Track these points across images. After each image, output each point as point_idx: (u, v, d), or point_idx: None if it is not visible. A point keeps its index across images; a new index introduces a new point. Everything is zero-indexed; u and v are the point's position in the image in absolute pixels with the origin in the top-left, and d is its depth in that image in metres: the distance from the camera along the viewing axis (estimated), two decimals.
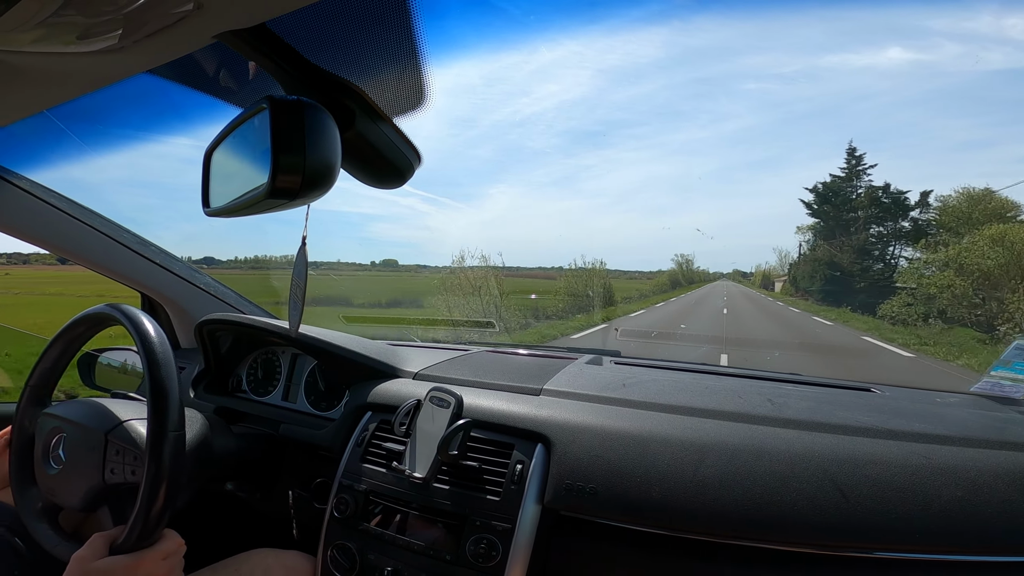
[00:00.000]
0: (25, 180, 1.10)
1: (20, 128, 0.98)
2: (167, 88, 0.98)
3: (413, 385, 1.02)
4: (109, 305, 0.88)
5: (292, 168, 0.54)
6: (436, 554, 0.80)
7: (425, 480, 0.83)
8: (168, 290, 1.29)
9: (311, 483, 1.06)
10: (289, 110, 0.55)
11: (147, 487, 0.72)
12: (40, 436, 0.90)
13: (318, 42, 0.70)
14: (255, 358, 1.27)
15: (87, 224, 1.17)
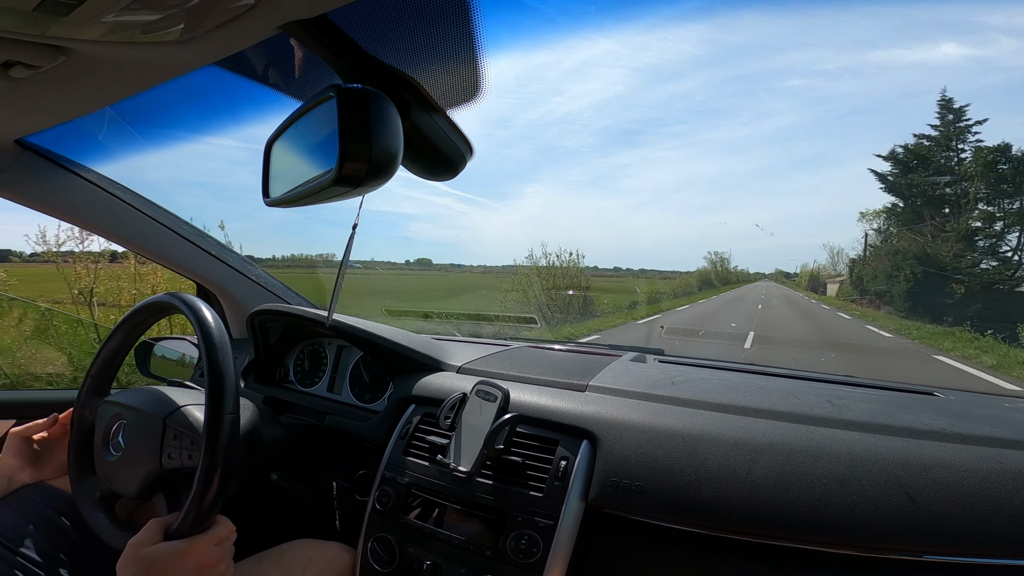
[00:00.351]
0: (92, 172, 1.16)
1: (85, 122, 1.02)
2: (222, 85, 1.01)
3: (457, 379, 1.03)
4: (169, 294, 0.91)
5: (358, 156, 0.55)
6: (476, 549, 0.80)
7: (469, 474, 0.83)
8: (222, 281, 1.34)
9: (354, 475, 1.07)
10: (355, 99, 0.57)
11: (203, 468, 0.74)
12: (100, 424, 0.94)
13: (375, 33, 0.72)
14: (302, 349, 1.30)
15: (148, 215, 1.22)
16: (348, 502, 1.06)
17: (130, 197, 1.20)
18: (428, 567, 0.82)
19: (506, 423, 0.83)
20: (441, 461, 0.86)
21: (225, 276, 1.34)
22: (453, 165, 0.76)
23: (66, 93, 0.82)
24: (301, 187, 0.66)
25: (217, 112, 1.22)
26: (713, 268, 42.81)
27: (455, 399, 0.92)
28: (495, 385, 0.90)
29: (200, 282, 1.34)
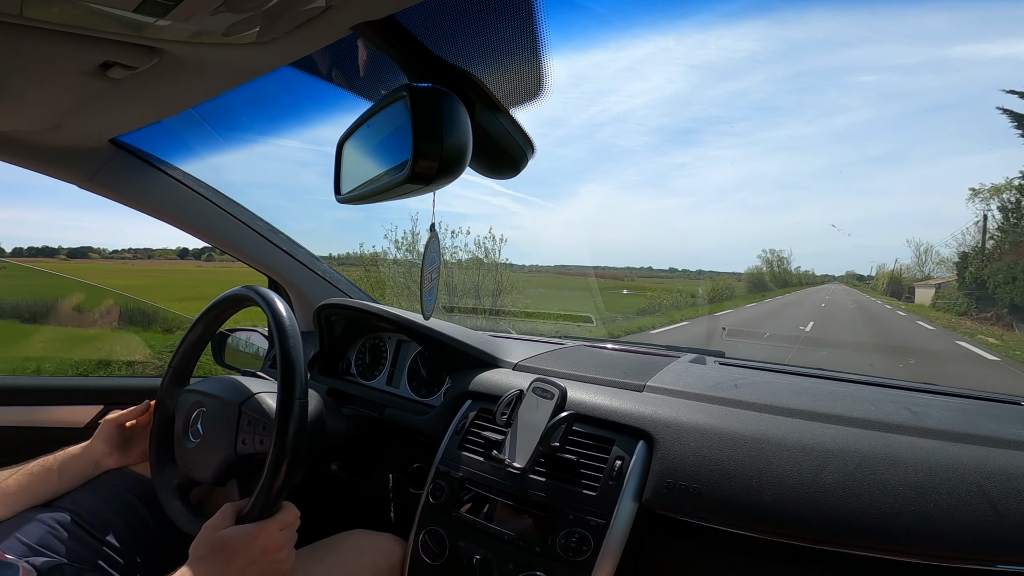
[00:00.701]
0: (176, 170, 1.25)
1: (169, 121, 1.09)
2: (288, 87, 1.05)
3: (513, 376, 1.04)
4: (245, 287, 0.97)
5: (430, 154, 0.57)
6: (526, 545, 0.81)
7: (522, 471, 0.84)
8: (291, 275, 1.40)
9: (408, 468, 1.10)
10: (427, 97, 0.59)
11: (274, 450, 0.78)
12: (181, 412, 1.00)
13: (440, 33, 0.74)
14: (363, 343, 1.34)
15: (227, 212, 1.30)
16: (402, 494, 1.08)
17: (210, 194, 1.28)
18: (477, 561, 0.83)
19: (562, 421, 0.83)
20: (496, 457, 0.87)
21: (294, 271, 1.41)
22: (515, 163, 0.77)
23: (157, 93, 0.88)
24: (372, 184, 0.69)
25: (285, 114, 1.29)
26: (769, 268, 39.42)
27: (511, 396, 0.93)
28: (552, 383, 0.90)
29: (271, 276, 1.41)
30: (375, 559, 0.97)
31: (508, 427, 0.91)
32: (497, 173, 0.78)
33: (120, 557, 0.96)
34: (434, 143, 0.57)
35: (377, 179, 0.68)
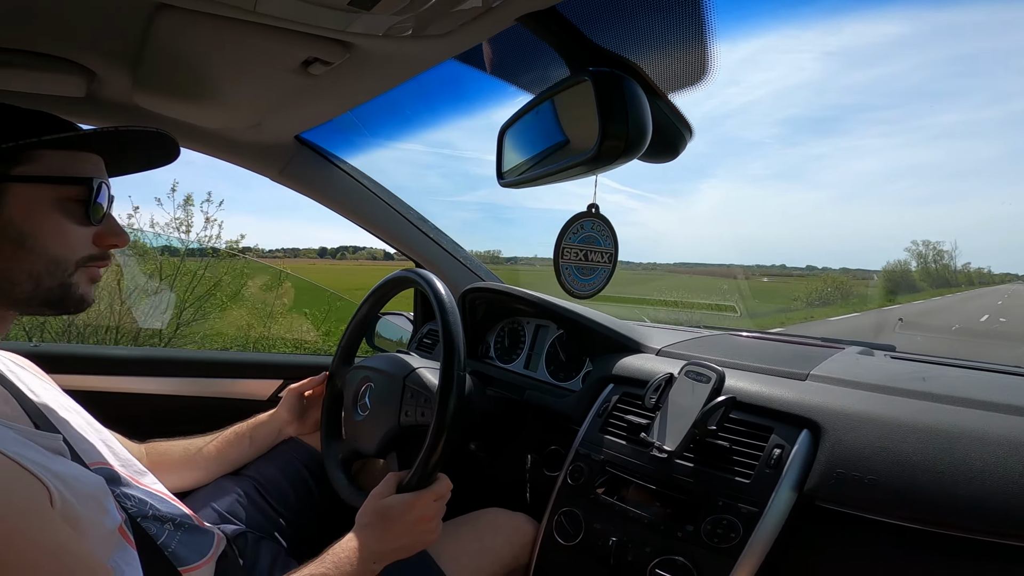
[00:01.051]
0: (345, 163, 1.38)
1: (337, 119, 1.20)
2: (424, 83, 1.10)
3: (657, 361, 1.04)
4: (407, 270, 1.05)
5: (617, 135, 0.61)
6: (667, 529, 0.81)
7: (671, 454, 0.84)
8: (438, 260, 1.50)
9: (545, 450, 1.13)
10: (610, 82, 0.63)
11: (435, 422, 0.83)
12: (350, 388, 1.09)
13: (598, 22, 0.77)
14: (503, 327, 1.41)
15: (385, 202, 1.43)
16: (537, 476, 1.12)
17: (372, 185, 1.41)
18: (613, 543, 0.84)
19: (721, 405, 0.82)
20: (644, 440, 0.88)
21: (441, 257, 1.51)
22: (674, 147, 0.79)
23: (340, 89, 0.95)
24: (543, 166, 0.74)
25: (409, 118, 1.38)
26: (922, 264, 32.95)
27: (661, 379, 0.93)
28: (709, 366, 0.89)
29: (420, 261, 1.52)
30: (510, 537, 1.00)
31: (655, 411, 0.92)
32: (655, 157, 0.80)
33: (289, 526, 1.05)
34: (619, 124, 0.61)
35: (548, 161, 0.73)
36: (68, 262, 0.67)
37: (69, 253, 0.67)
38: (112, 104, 1.04)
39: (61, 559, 0.55)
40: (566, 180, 0.73)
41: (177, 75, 0.89)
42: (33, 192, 0.64)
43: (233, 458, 1.10)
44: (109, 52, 0.85)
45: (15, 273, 0.64)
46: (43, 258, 0.65)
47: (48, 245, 0.65)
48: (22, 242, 0.63)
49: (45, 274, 0.65)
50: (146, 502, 0.79)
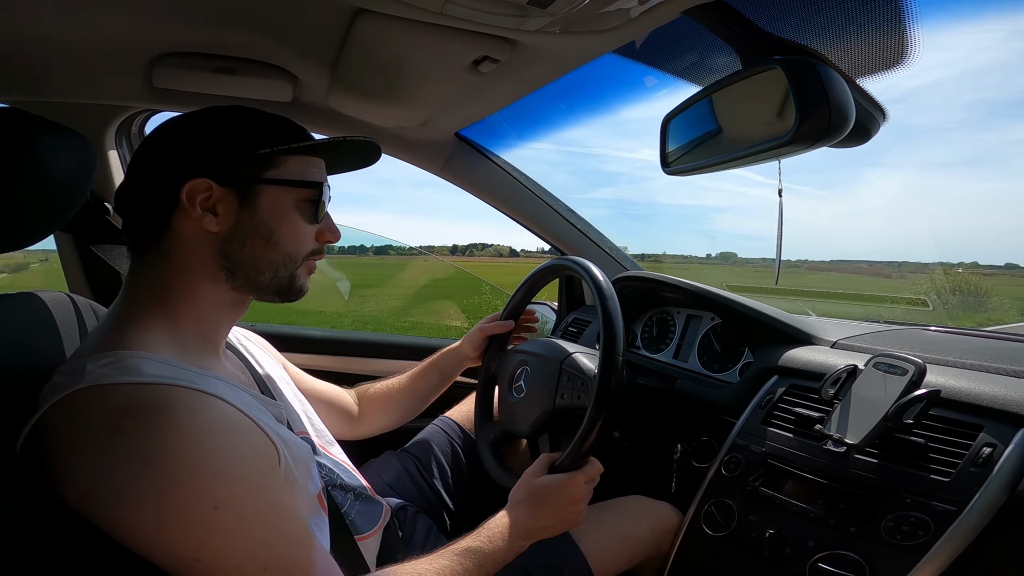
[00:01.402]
0: (497, 158, 1.45)
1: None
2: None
3: (833, 354, 0.99)
4: (564, 257, 1.09)
5: (817, 119, 0.62)
6: (837, 524, 0.78)
7: (852, 448, 0.80)
8: (586, 251, 1.54)
9: (693, 441, 1.12)
10: (802, 68, 0.63)
11: (593, 404, 0.85)
12: (506, 370, 1.14)
13: (770, 11, 0.75)
14: (650, 317, 1.41)
15: (536, 194, 1.49)
16: (685, 466, 1.11)
17: (523, 179, 1.48)
18: (770, 536, 0.83)
19: (921, 399, 0.78)
20: (819, 432, 0.85)
21: (587, 247, 1.54)
22: (866, 130, 0.76)
23: (501, 86, 1.00)
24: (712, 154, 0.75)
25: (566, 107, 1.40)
26: None
27: (842, 372, 0.90)
28: (905, 359, 0.84)
29: (569, 253, 1.56)
30: (652, 525, 1.01)
31: (832, 404, 0.88)
32: (848, 141, 0.77)
33: (439, 503, 1.13)
34: (820, 109, 0.61)
35: (720, 148, 0.73)
36: (298, 256, 0.75)
37: (300, 248, 0.75)
38: (311, 107, 1.18)
39: (276, 518, 0.61)
40: (743, 166, 0.73)
41: (367, 77, 0.99)
42: (279, 194, 0.72)
43: (426, 390, 1.20)
44: (312, 58, 0.96)
45: (262, 264, 0.72)
46: (282, 252, 0.73)
47: (287, 241, 0.73)
48: (269, 238, 0.72)
49: (281, 266, 0.74)
50: (334, 471, 0.88)
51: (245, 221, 0.71)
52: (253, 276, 0.73)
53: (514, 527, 0.81)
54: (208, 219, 0.68)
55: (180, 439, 0.55)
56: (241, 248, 0.71)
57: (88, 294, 1.28)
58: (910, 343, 1.03)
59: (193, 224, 0.68)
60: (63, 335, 0.76)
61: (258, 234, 0.71)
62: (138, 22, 0.85)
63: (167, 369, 0.61)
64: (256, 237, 0.71)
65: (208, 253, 0.70)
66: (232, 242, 0.70)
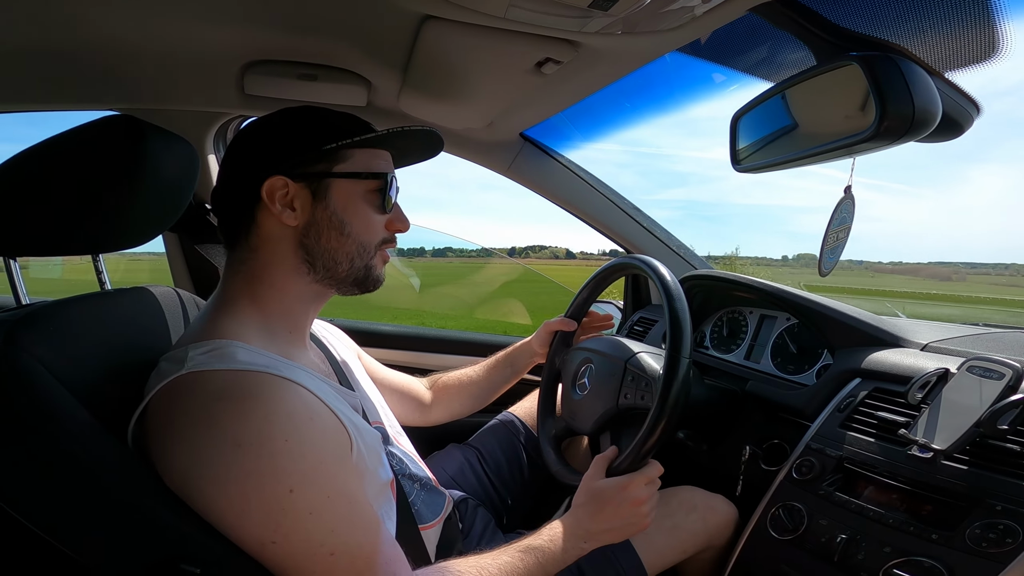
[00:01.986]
0: (563, 158, 1.46)
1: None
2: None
3: (923, 357, 0.95)
4: (630, 256, 1.09)
5: (900, 115, 0.61)
6: (917, 530, 0.75)
7: (939, 454, 0.77)
8: (653, 250, 1.53)
9: (763, 443, 1.09)
10: (884, 64, 0.62)
11: (657, 405, 0.85)
12: (570, 367, 1.15)
13: (843, 6, 0.73)
14: (721, 316, 1.38)
15: (601, 193, 1.49)
16: (752, 468, 1.08)
17: (588, 177, 1.48)
18: (841, 540, 0.80)
19: (1017, 404, 0.73)
20: (903, 437, 0.82)
21: (655, 247, 1.53)
22: (958, 125, 0.74)
23: (564, 86, 1.02)
24: (786, 150, 0.74)
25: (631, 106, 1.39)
26: None
27: (931, 375, 0.86)
28: (1002, 362, 0.80)
29: (635, 252, 1.55)
30: (703, 516, 1.00)
31: (919, 408, 0.85)
32: (938, 136, 0.75)
33: (499, 498, 1.15)
34: (902, 105, 0.60)
35: (794, 145, 0.72)
36: (371, 246, 0.78)
37: (372, 238, 0.78)
38: (383, 110, 1.24)
39: (346, 504, 0.63)
40: (820, 163, 0.71)
41: (435, 81, 1.03)
42: (348, 186, 0.76)
43: (498, 381, 1.24)
44: (383, 63, 1.01)
45: (338, 255, 0.76)
46: (355, 242, 0.77)
47: (359, 231, 0.77)
48: (342, 229, 0.76)
49: (356, 256, 0.77)
50: (403, 461, 0.91)
51: (319, 214, 0.75)
52: (331, 267, 0.77)
53: (576, 529, 0.83)
54: (287, 214, 0.73)
55: (266, 424, 0.59)
56: (318, 241, 0.75)
57: (191, 288, 1.39)
58: (1010, 347, 0.97)
59: (274, 220, 0.73)
60: (170, 326, 0.84)
61: (332, 226, 0.75)
62: (230, 32, 0.93)
63: (258, 357, 0.66)
64: (330, 229, 0.75)
65: (290, 247, 0.75)
66: (309, 235, 0.75)
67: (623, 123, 1.48)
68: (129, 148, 0.68)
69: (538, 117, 1.26)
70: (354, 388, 0.90)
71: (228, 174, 0.76)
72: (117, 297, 0.79)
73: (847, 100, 0.64)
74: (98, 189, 0.66)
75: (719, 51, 0.99)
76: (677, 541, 0.98)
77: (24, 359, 0.56)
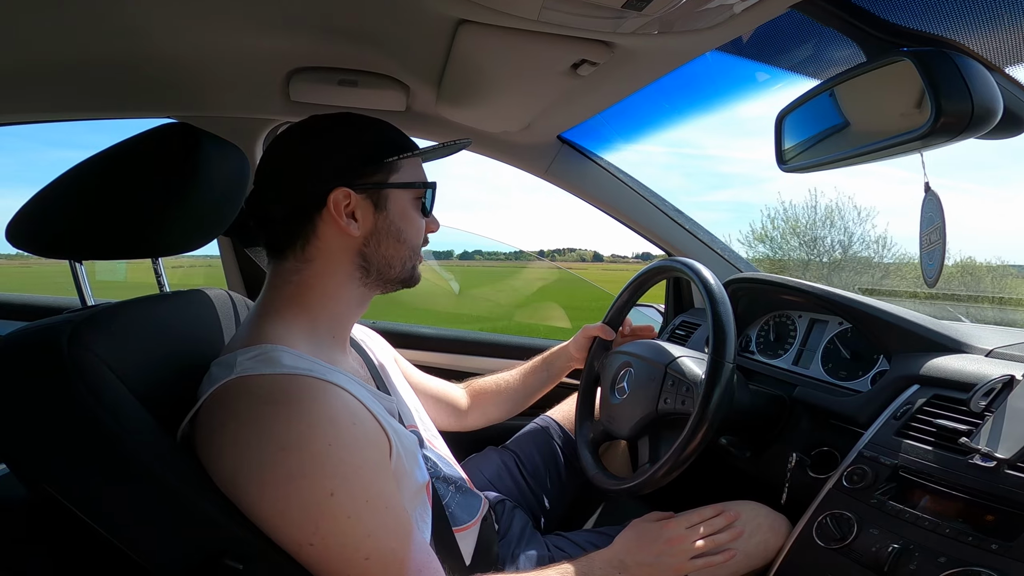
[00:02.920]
0: (601, 159, 1.47)
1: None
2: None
3: (987, 363, 0.91)
4: (672, 259, 1.08)
5: (957, 112, 0.60)
6: (975, 541, 0.73)
7: (1002, 463, 0.75)
8: (695, 252, 1.51)
9: (811, 451, 1.06)
10: (938, 60, 0.61)
11: (698, 410, 0.85)
12: (609, 371, 1.14)
13: (891, 2, 0.71)
14: (767, 320, 1.35)
15: (641, 195, 1.49)
16: (799, 476, 1.05)
17: (627, 179, 1.48)
18: (893, 550, 0.78)
19: None
20: (965, 446, 0.79)
21: (698, 249, 1.51)
22: (1020, 120, 0.72)
23: (602, 88, 1.02)
24: (836, 149, 0.72)
25: (673, 107, 1.38)
26: None
27: (996, 382, 0.83)
28: None
29: (676, 254, 1.54)
30: (765, 539, 0.96)
31: (982, 417, 0.81)
32: (998, 132, 0.72)
33: (536, 501, 1.15)
34: (960, 102, 0.60)
35: (844, 143, 0.71)
36: (418, 248, 0.84)
37: (418, 241, 0.84)
38: (421, 115, 1.27)
39: (383, 509, 0.65)
40: (874, 161, 0.70)
41: (472, 85, 1.05)
42: (402, 196, 0.81)
43: (534, 386, 1.25)
44: (420, 68, 1.04)
45: (394, 260, 0.81)
46: (409, 248, 0.82)
47: (412, 237, 0.82)
48: (399, 236, 0.81)
49: (408, 260, 0.83)
50: (438, 464, 0.93)
51: (380, 224, 0.79)
52: (385, 271, 0.81)
53: (613, 560, 0.86)
54: (352, 225, 0.76)
55: (309, 428, 0.61)
56: (377, 248, 0.79)
57: (243, 291, 1.45)
58: None
59: (336, 230, 0.76)
60: (223, 327, 0.89)
61: (390, 234, 0.80)
62: (276, 41, 0.97)
63: (302, 361, 0.69)
64: (389, 237, 0.80)
65: (349, 256, 0.78)
66: (369, 244, 0.79)
67: (664, 124, 1.47)
68: (186, 155, 0.71)
69: (575, 119, 1.27)
70: (391, 392, 0.92)
71: (283, 184, 0.77)
72: (174, 299, 0.83)
73: (900, 97, 0.63)
74: (157, 195, 0.70)
75: (762, 49, 0.98)
76: (733, 564, 0.94)
77: (88, 357, 0.60)
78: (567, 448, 1.24)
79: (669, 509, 0.99)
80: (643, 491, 0.97)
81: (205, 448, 0.64)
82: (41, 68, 1.02)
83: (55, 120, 1.32)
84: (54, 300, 1.98)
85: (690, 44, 0.83)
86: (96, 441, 0.59)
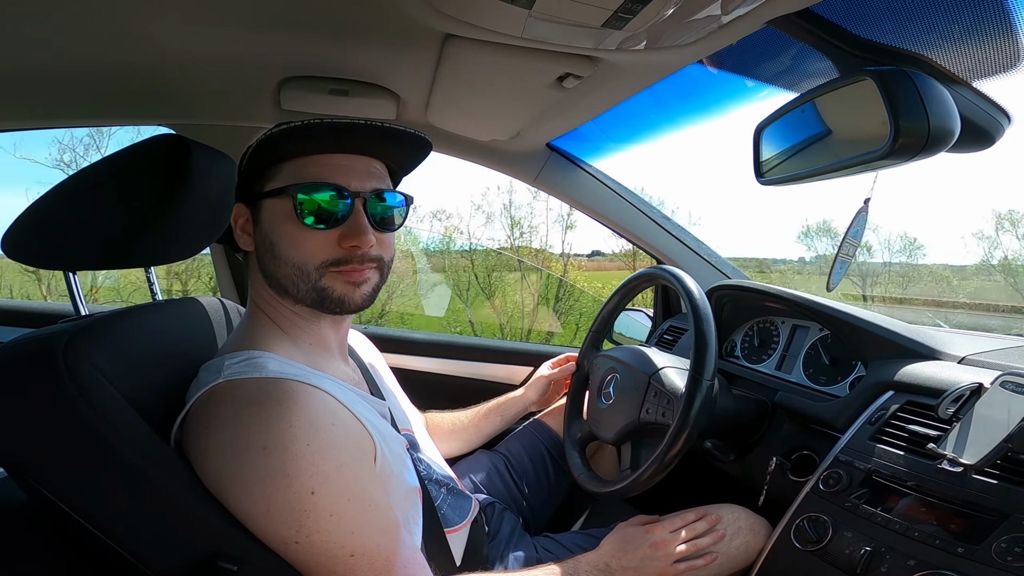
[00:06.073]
0: (590, 167, 1.50)
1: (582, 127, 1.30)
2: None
3: (959, 370, 0.95)
4: (659, 267, 1.11)
5: (914, 132, 0.61)
6: (942, 545, 0.76)
7: (968, 468, 0.78)
8: (682, 259, 1.54)
9: (791, 454, 1.09)
10: (898, 80, 0.63)
11: (676, 423, 0.88)
12: (596, 374, 1.18)
13: (865, 16, 0.74)
14: (752, 326, 1.38)
15: (628, 201, 1.52)
16: (778, 479, 1.08)
17: (615, 186, 1.51)
18: (866, 553, 0.81)
19: None
20: (934, 451, 0.82)
21: (683, 255, 1.54)
22: (988, 135, 0.74)
23: (588, 99, 1.06)
24: (808, 164, 0.75)
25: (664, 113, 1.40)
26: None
27: (964, 389, 0.86)
28: None
29: (665, 261, 1.57)
30: (746, 541, 0.99)
31: (951, 423, 0.85)
32: (966, 147, 0.75)
33: (525, 501, 1.18)
34: (916, 122, 0.61)
35: (817, 158, 0.73)
36: (308, 267, 0.77)
37: (306, 259, 0.76)
38: (412, 124, 1.28)
39: (367, 507, 0.67)
40: (840, 177, 0.73)
41: (461, 96, 1.09)
42: (275, 204, 0.77)
43: (487, 430, 1.27)
44: (411, 78, 1.07)
45: (283, 279, 0.77)
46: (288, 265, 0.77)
47: (288, 253, 0.76)
48: (273, 251, 0.77)
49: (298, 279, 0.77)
50: (430, 467, 0.95)
51: (259, 238, 0.77)
52: (290, 290, 0.76)
53: (599, 562, 0.89)
54: (244, 239, 0.77)
55: (289, 429, 0.63)
56: (266, 265, 0.77)
57: (235, 298, 1.47)
58: None
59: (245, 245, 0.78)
60: (216, 334, 0.91)
61: (266, 249, 0.77)
62: (268, 50, 0.99)
63: (286, 367, 0.72)
64: (266, 252, 0.77)
65: (258, 272, 0.79)
66: (261, 259, 0.78)
67: (652, 131, 1.50)
68: (177, 165, 0.73)
69: (563, 128, 1.31)
70: (384, 397, 0.94)
71: None
72: (167, 308, 0.86)
73: (867, 114, 0.65)
74: (150, 205, 0.72)
75: (742, 62, 1.00)
76: (715, 566, 0.97)
77: (83, 367, 0.63)
78: (556, 451, 1.27)
79: (655, 510, 1.03)
80: (629, 494, 1.00)
81: (193, 450, 0.66)
82: (32, 76, 1.04)
83: (46, 128, 1.34)
84: (49, 306, 1.99)
85: (672, 58, 0.86)
86: (92, 448, 0.61)
